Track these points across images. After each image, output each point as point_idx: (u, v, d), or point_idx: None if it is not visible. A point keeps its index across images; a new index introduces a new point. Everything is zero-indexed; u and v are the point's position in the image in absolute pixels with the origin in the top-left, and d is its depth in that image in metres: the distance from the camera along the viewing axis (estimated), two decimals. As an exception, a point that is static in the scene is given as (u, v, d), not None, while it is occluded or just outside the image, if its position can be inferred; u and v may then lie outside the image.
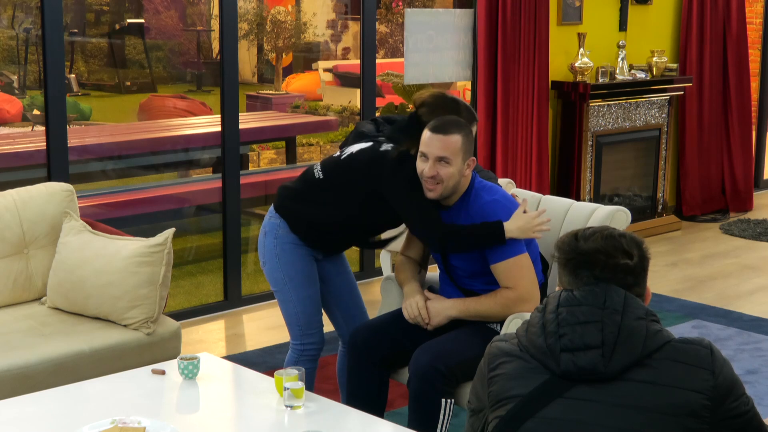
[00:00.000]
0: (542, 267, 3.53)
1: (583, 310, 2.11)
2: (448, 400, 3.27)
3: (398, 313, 3.58)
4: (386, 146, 3.48)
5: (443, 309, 3.43)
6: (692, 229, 7.67)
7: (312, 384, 3.68)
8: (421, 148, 3.34)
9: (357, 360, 3.50)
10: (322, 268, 3.70)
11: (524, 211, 3.37)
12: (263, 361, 4.74)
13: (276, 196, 3.63)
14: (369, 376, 3.50)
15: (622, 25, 7.32)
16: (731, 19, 7.94)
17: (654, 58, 7.34)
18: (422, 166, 3.33)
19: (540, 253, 3.53)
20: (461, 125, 3.36)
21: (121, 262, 3.89)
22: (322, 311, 3.71)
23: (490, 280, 3.40)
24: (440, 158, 3.30)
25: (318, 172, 3.56)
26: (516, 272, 3.34)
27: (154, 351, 3.87)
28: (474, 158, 3.39)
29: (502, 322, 3.39)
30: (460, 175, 3.35)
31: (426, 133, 3.34)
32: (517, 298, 3.33)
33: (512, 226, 3.32)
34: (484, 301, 3.39)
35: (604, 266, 2.16)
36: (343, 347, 3.80)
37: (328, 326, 3.76)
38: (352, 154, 3.52)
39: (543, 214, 3.38)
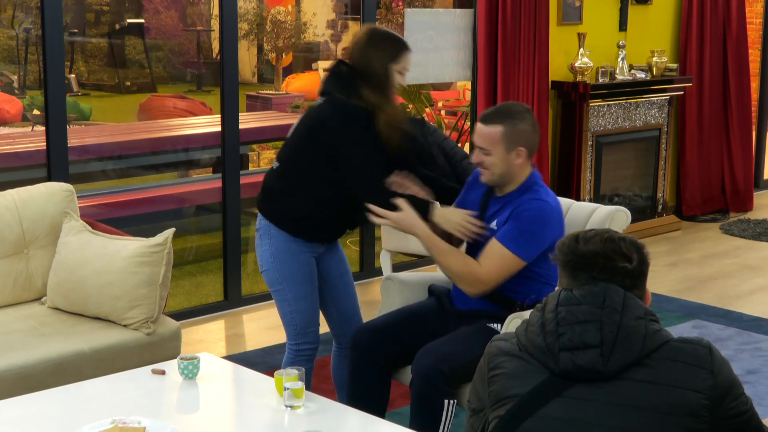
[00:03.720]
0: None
1: (583, 310, 2.12)
2: (451, 401, 3.28)
3: (401, 312, 3.58)
4: (325, 104, 3.47)
5: (417, 223, 3.40)
6: (692, 229, 7.67)
7: (309, 384, 3.68)
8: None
9: (360, 360, 3.50)
10: (323, 267, 3.69)
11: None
12: (263, 361, 4.74)
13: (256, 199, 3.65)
14: (371, 376, 3.50)
15: (622, 25, 7.32)
16: (731, 19, 7.94)
17: (654, 58, 7.34)
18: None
19: None
20: (510, 114, 3.39)
21: (121, 262, 3.89)
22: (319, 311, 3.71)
23: (518, 281, 3.41)
24: (480, 148, 3.40)
25: (275, 164, 3.58)
26: (500, 263, 3.34)
27: (154, 351, 3.87)
28: (524, 149, 3.38)
29: (502, 322, 3.39)
30: (507, 164, 3.38)
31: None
32: (478, 279, 3.34)
33: (444, 212, 3.43)
34: (452, 254, 3.40)
35: (602, 269, 2.16)
36: (337, 347, 3.80)
37: (323, 327, 3.76)
38: (295, 128, 3.54)
39: (472, 218, 3.43)
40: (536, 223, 3.34)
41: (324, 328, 3.78)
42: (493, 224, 3.43)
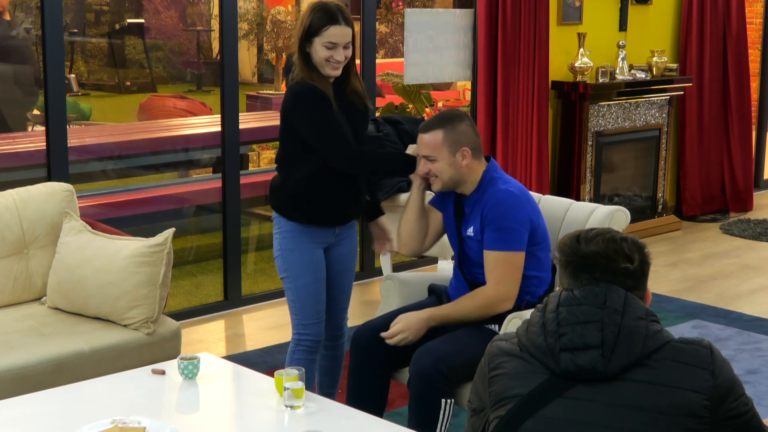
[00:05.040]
0: (551, 269, 3.53)
1: (583, 310, 2.12)
2: (449, 401, 3.28)
3: (401, 312, 3.58)
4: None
5: (415, 314, 3.43)
6: (692, 229, 7.67)
7: (312, 380, 3.68)
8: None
9: (360, 360, 3.50)
10: (328, 259, 3.70)
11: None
12: (263, 361, 4.74)
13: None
14: (371, 376, 3.50)
15: (622, 25, 7.32)
16: (731, 19, 7.94)
17: (654, 58, 7.34)
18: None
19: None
20: (447, 118, 3.46)
21: (121, 262, 3.89)
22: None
23: None
24: (425, 156, 3.44)
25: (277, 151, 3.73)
26: (503, 267, 3.35)
27: (154, 351, 3.87)
28: (467, 148, 3.42)
29: (500, 323, 3.39)
30: (455, 167, 3.42)
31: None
32: (496, 297, 3.35)
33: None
34: (462, 302, 3.42)
35: (604, 269, 2.16)
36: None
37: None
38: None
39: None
40: (507, 215, 3.36)
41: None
42: (470, 231, 3.45)
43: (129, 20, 9.40)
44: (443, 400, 3.26)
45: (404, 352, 3.47)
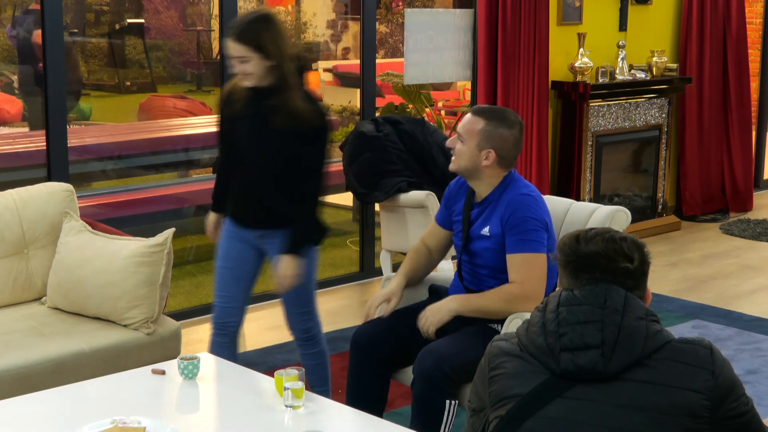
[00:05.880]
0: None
1: (584, 310, 2.12)
2: (452, 402, 3.28)
3: (402, 313, 3.58)
4: None
5: (443, 303, 3.43)
6: (692, 229, 7.67)
7: (227, 354, 3.67)
8: None
9: (360, 360, 3.50)
10: (265, 258, 3.80)
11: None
12: (263, 361, 4.74)
13: None
14: (371, 375, 3.50)
15: (622, 25, 7.32)
16: (731, 19, 7.94)
17: (654, 58, 7.34)
18: None
19: None
20: (497, 115, 3.45)
21: (121, 262, 3.89)
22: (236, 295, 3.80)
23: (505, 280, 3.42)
24: (459, 133, 3.46)
25: None
26: (527, 267, 3.35)
27: (154, 351, 3.87)
28: (495, 153, 3.40)
29: (503, 323, 3.39)
30: (474, 160, 3.41)
31: None
32: (522, 295, 3.34)
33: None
34: (488, 295, 3.41)
35: (604, 269, 2.16)
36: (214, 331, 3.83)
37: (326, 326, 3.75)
38: None
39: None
40: (528, 218, 3.36)
41: (327, 327, 3.77)
42: (485, 230, 3.44)
43: (129, 20, 9.41)
44: (447, 402, 3.26)
45: (404, 352, 3.47)
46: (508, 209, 3.38)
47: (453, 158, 3.47)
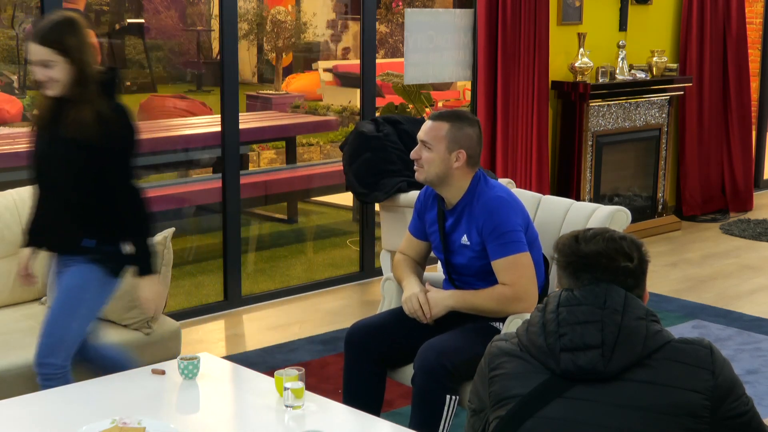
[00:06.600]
0: (544, 267, 3.53)
1: (584, 310, 2.12)
2: (453, 397, 3.28)
3: (396, 311, 3.58)
4: None
5: (441, 299, 3.45)
6: (692, 229, 7.67)
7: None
8: None
9: (354, 358, 3.51)
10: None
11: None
12: (263, 361, 4.74)
13: None
14: (366, 374, 3.50)
15: (622, 25, 7.32)
16: (731, 19, 7.94)
17: (654, 58, 7.34)
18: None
19: (543, 254, 3.54)
20: (458, 116, 3.45)
21: (121, 262, 3.88)
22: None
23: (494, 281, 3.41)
24: (423, 141, 3.44)
25: None
26: (514, 269, 3.35)
27: (154, 351, 3.87)
28: (465, 153, 3.41)
29: (504, 320, 3.39)
30: (445, 165, 3.40)
31: None
32: (513, 296, 3.34)
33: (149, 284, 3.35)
34: (481, 294, 3.41)
35: (605, 269, 2.16)
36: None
37: (318, 329, 3.74)
38: None
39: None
40: (503, 222, 3.36)
41: (327, 327, 3.77)
42: (464, 239, 3.44)
43: (129, 20, 9.40)
44: (447, 397, 3.27)
45: (399, 350, 3.48)
46: (482, 215, 3.38)
47: (419, 169, 3.45)
